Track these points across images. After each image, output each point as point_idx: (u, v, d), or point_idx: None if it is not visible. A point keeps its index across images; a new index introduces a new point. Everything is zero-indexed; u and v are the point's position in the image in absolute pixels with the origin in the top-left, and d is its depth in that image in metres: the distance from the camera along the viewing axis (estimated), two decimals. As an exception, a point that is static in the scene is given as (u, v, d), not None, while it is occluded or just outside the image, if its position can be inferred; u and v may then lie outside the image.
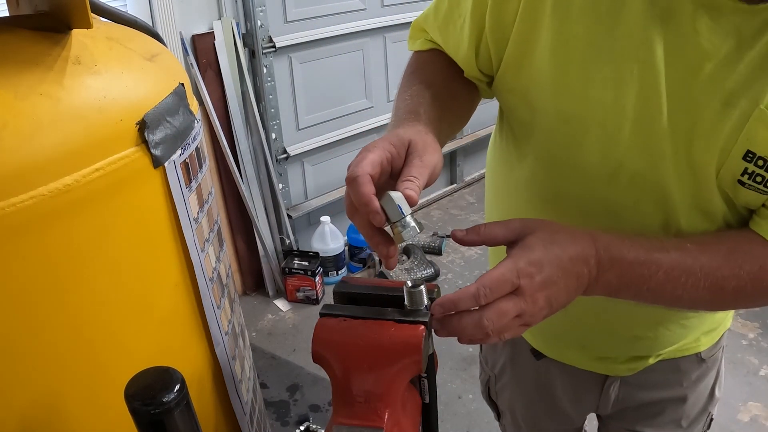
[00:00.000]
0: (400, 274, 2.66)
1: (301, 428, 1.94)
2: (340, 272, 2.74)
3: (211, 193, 0.81)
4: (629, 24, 0.62)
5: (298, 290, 2.59)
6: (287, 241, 2.63)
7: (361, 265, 2.82)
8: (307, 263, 2.57)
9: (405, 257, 2.79)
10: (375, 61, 2.78)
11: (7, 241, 0.54)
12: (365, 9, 2.65)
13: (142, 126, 0.63)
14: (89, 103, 0.60)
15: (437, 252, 2.89)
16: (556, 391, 1.00)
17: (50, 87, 0.57)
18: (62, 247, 0.58)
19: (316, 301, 2.61)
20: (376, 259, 2.75)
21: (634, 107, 0.65)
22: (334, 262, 2.70)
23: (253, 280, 2.67)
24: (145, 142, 0.64)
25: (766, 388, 2.06)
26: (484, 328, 0.56)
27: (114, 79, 0.64)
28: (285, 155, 2.55)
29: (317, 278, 2.56)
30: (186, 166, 0.71)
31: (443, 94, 0.76)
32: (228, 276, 0.87)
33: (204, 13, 2.21)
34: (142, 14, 2.02)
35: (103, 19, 0.77)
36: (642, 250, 0.62)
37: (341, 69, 2.67)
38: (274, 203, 2.56)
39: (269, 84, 2.40)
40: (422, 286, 0.60)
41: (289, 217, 2.62)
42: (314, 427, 1.95)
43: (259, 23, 2.29)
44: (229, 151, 2.32)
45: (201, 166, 0.77)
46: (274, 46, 2.35)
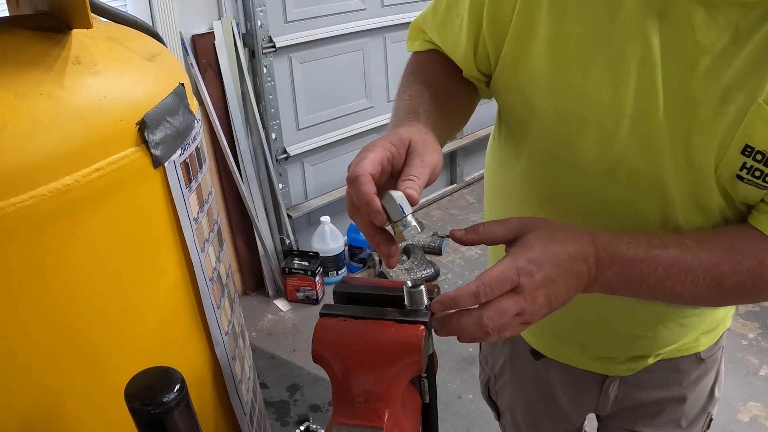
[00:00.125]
0: (400, 274, 2.66)
1: (301, 428, 1.94)
2: (340, 272, 2.74)
3: (211, 193, 0.81)
4: (625, 20, 0.62)
5: (298, 290, 2.59)
6: (287, 241, 2.63)
7: (361, 265, 2.82)
8: (307, 263, 2.57)
9: (405, 257, 2.79)
10: (375, 61, 2.78)
11: (7, 241, 0.54)
12: (365, 9, 2.65)
13: (142, 126, 0.64)
14: (89, 103, 0.60)
15: (437, 252, 2.89)
16: (556, 391, 1.00)
17: (50, 87, 0.57)
18: (62, 246, 0.58)
19: (316, 301, 2.61)
20: (376, 259, 2.75)
21: (632, 104, 0.65)
22: (334, 262, 2.70)
23: (253, 280, 2.67)
24: (145, 142, 0.64)
25: (766, 388, 2.06)
26: (484, 326, 0.56)
27: (114, 79, 0.64)
28: (285, 155, 2.55)
29: (317, 278, 2.56)
30: (186, 166, 0.71)
31: (442, 93, 0.76)
32: (228, 276, 0.87)
33: (204, 13, 2.21)
34: (142, 14, 2.02)
35: (103, 19, 0.77)
36: (641, 247, 0.62)
37: (341, 69, 2.67)
38: (274, 203, 2.56)
39: (269, 84, 2.40)
40: (422, 286, 0.60)
41: (289, 217, 2.62)
42: (314, 427, 1.95)
43: (259, 23, 2.29)
44: (229, 151, 2.32)
45: (201, 166, 0.77)
46: (274, 46, 2.35)
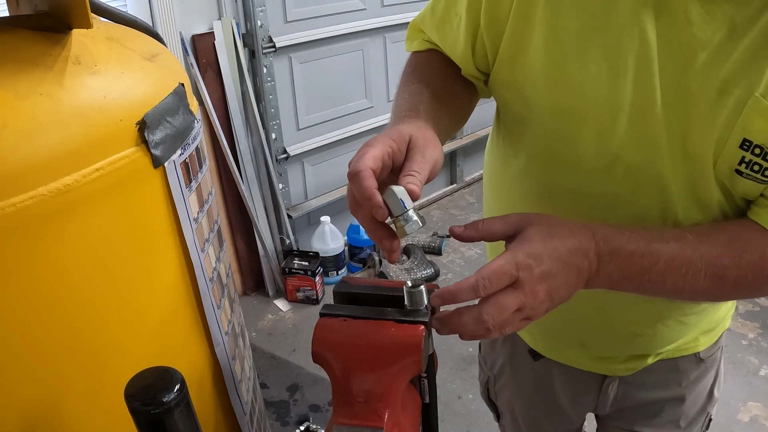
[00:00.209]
0: (400, 274, 2.65)
1: (301, 428, 1.94)
2: (340, 272, 2.74)
3: (211, 193, 0.81)
4: (622, 15, 0.62)
5: (298, 290, 2.59)
6: (287, 241, 2.63)
7: (361, 265, 2.82)
8: (307, 263, 2.57)
9: (405, 257, 2.79)
10: (375, 61, 2.78)
11: (8, 241, 0.54)
12: (365, 9, 2.65)
13: (142, 126, 0.64)
14: (89, 103, 0.60)
15: (437, 252, 2.89)
16: (556, 391, 1.00)
17: (50, 87, 0.57)
18: (62, 247, 0.58)
19: (316, 301, 2.60)
20: (376, 259, 2.75)
21: (629, 99, 0.65)
22: (334, 262, 2.70)
23: (253, 280, 2.67)
24: (145, 142, 0.64)
25: (766, 388, 2.06)
26: (484, 323, 0.56)
27: (114, 79, 0.64)
28: (285, 155, 2.55)
29: (317, 278, 2.56)
30: (186, 166, 0.71)
31: (442, 92, 0.76)
32: (228, 276, 0.87)
33: (204, 13, 2.21)
34: (142, 14, 2.02)
35: (103, 19, 0.77)
36: (642, 242, 0.62)
37: (341, 69, 2.67)
38: (274, 203, 2.56)
39: (269, 84, 2.40)
40: (422, 286, 0.60)
41: (289, 217, 2.62)
42: (314, 427, 1.95)
43: (259, 23, 2.29)
44: (229, 151, 2.32)
45: (201, 166, 0.77)
46: (274, 46, 2.35)
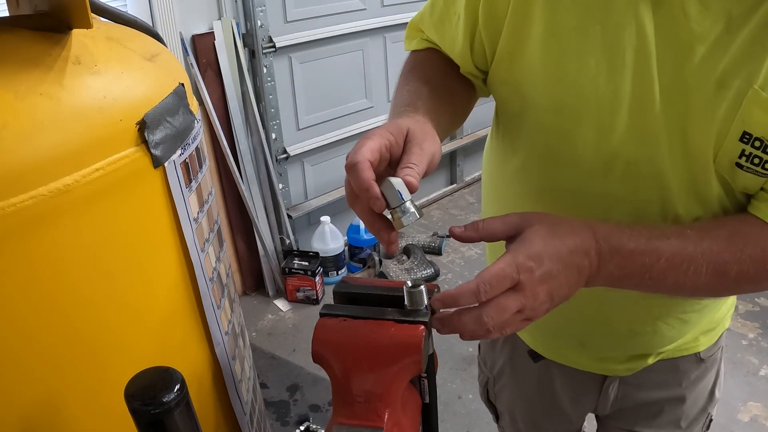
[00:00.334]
0: (400, 274, 2.65)
1: (301, 428, 1.94)
2: (340, 272, 2.74)
3: (211, 193, 0.81)
4: (619, 11, 0.62)
5: (298, 290, 2.59)
6: (287, 241, 2.63)
7: (361, 265, 2.82)
8: (307, 263, 2.57)
9: (405, 257, 2.79)
10: (375, 61, 2.78)
11: (8, 241, 0.54)
12: (365, 9, 2.65)
13: (142, 126, 0.64)
14: (89, 103, 0.60)
15: (437, 252, 2.89)
16: (556, 392, 1.00)
17: (50, 87, 0.57)
18: (62, 246, 0.58)
19: (316, 301, 2.60)
20: (376, 259, 2.75)
21: (628, 94, 0.65)
22: (334, 262, 2.70)
23: (253, 280, 2.67)
24: (145, 142, 0.64)
25: (766, 388, 2.06)
26: (484, 324, 0.56)
27: (114, 79, 0.64)
28: (285, 155, 2.55)
29: (317, 278, 2.56)
30: (186, 166, 0.71)
31: (440, 90, 0.76)
32: (228, 276, 0.87)
33: (204, 13, 2.21)
34: (142, 14, 2.02)
35: (103, 19, 0.77)
36: (642, 239, 0.62)
37: (341, 69, 2.67)
38: (274, 203, 2.56)
39: (269, 84, 2.40)
40: (422, 286, 0.60)
41: (289, 217, 2.62)
42: (314, 427, 1.95)
43: (259, 23, 2.29)
44: (229, 151, 2.32)
45: (201, 166, 0.77)
46: (274, 46, 2.35)
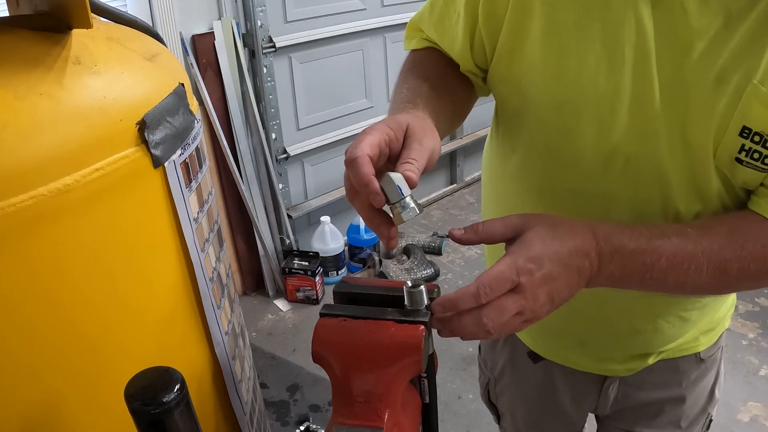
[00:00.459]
0: (400, 274, 2.65)
1: (301, 428, 1.94)
2: (340, 272, 2.74)
3: (211, 193, 0.81)
4: (618, 7, 0.62)
5: (298, 290, 2.59)
6: (287, 241, 2.63)
7: (361, 265, 2.82)
8: (307, 263, 2.57)
9: (405, 257, 2.79)
10: (375, 61, 2.78)
11: (8, 241, 0.54)
12: (365, 9, 2.65)
13: (142, 126, 0.64)
14: (89, 103, 0.60)
15: (437, 252, 2.89)
16: (557, 393, 1.00)
17: (50, 87, 0.57)
18: (62, 246, 0.58)
19: (316, 301, 2.60)
20: (376, 259, 2.75)
21: (627, 90, 0.65)
22: (334, 262, 2.70)
23: (253, 280, 2.67)
24: (145, 142, 0.64)
25: (766, 388, 2.06)
26: (484, 326, 0.56)
27: (114, 79, 0.64)
28: (285, 155, 2.55)
29: (317, 278, 2.56)
30: (186, 166, 0.71)
31: (440, 87, 0.76)
32: (228, 276, 0.87)
33: (204, 13, 2.21)
34: (142, 14, 2.02)
35: (103, 19, 0.77)
36: (643, 239, 0.62)
37: (341, 69, 2.67)
38: (274, 203, 2.56)
39: (269, 84, 2.40)
40: (422, 286, 0.60)
41: (289, 217, 2.62)
42: (314, 427, 1.95)
43: (259, 23, 2.29)
44: (229, 151, 2.32)
45: (201, 166, 0.77)
46: (274, 46, 2.35)
